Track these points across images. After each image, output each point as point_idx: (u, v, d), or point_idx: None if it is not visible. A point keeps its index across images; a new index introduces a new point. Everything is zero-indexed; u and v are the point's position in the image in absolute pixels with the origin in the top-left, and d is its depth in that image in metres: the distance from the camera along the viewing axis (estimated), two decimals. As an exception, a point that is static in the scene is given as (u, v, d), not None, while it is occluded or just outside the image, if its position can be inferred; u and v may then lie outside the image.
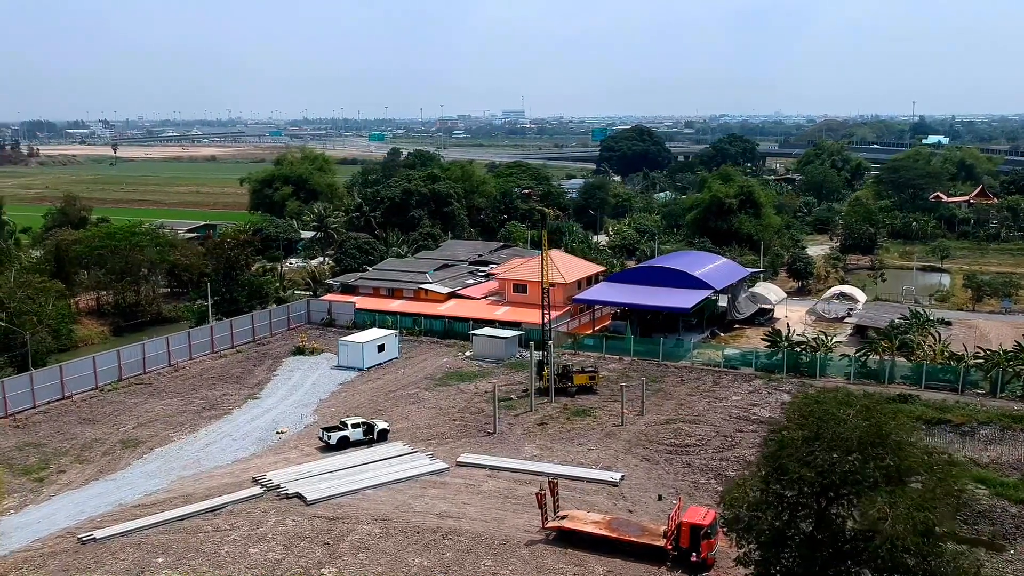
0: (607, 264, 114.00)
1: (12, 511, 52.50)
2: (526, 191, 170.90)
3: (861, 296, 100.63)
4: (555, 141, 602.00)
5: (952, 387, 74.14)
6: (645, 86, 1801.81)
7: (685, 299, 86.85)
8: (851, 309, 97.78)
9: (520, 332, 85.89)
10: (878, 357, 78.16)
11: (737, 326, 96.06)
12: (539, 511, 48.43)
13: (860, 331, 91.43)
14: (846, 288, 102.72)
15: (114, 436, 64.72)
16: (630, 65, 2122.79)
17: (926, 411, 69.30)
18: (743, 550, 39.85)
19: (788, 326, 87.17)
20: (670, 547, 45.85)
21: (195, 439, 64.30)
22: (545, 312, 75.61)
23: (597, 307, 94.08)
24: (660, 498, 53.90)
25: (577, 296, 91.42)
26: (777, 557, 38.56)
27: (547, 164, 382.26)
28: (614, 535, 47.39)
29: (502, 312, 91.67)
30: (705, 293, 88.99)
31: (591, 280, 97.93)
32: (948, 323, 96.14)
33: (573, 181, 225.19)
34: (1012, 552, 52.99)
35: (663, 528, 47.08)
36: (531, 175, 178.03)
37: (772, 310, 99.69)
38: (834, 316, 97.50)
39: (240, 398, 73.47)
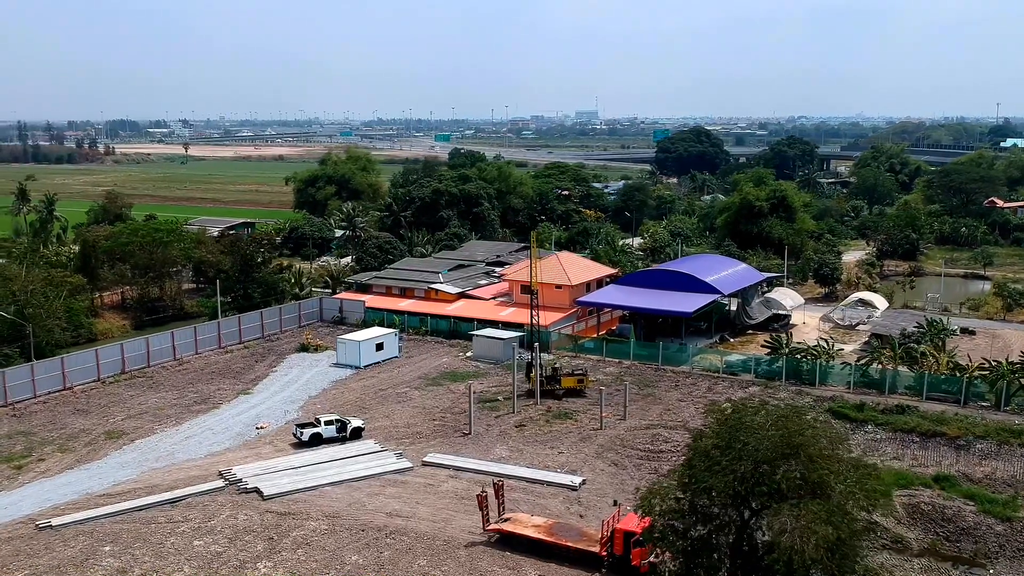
0: (633, 267, 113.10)
1: (-17, 497, 54.48)
2: (564, 192, 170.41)
3: (882, 303, 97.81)
4: (623, 142, 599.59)
5: (955, 399, 71.61)
6: (723, 86, 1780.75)
7: (688, 303, 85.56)
8: (870, 316, 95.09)
9: (521, 334, 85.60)
10: (880, 366, 75.89)
11: (750, 332, 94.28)
12: (476, 513, 48.35)
13: (878, 339, 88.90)
14: (866, 294, 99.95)
15: (101, 427, 66.58)
16: (707, 65, 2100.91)
17: (921, 423, 67.14)
18: (658, 559, 39.25)
19: (790, 334, 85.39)
20: (604, 553, 45.29)
21: (177, 432, 65.76)
22: (534, 313, 75.15)
23: (603, 310, 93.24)
24: (616, 504, 53.16)
25: (581, 298, 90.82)
26: (690, 568, 37.84)
27: (608, 165, 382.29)
28: (551, 539, 47.00)
29: (508, 313, 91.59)
30: (710, 298, 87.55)
31: (600, 283, 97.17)
32: (972, 332, 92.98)
33: (621, 183, 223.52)
34: (991, 572, 51.16)
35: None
36: (570, 176, 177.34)
37: (788, 316, 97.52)
38: (848, 323, 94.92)
39: (232, 393, 74.87)
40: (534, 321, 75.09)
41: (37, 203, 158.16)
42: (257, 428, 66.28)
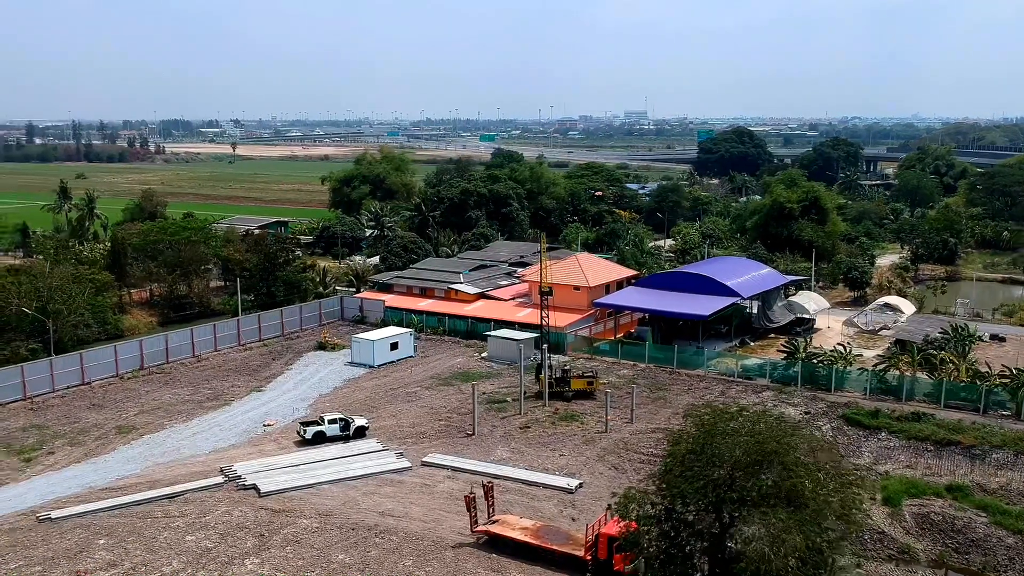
0: (659, 269, 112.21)
1: (-9, 488, 55.75)
2: (597, 193, 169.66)
3: (908, 308, 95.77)
4: (670, 142, 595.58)
5: (974, 407, 69.86)
6: (776, 86, 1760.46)
7: (705, 306, 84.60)
8: (896, 321, 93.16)
9: (536, 335, 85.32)
10: (897, 372, 74.35)
11: (772, 336, 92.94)
12: (467, 514, 48.27)
13: (901, 345, 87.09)
14: (892, 299, 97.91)
15: (113, 422, 67.74)
16: (762, 64, 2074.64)
17: (936, 431, 65.66)
18: (631, 565, 38.83)
19: (809, 339, 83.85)
20: (588, 558, 44.92)
21: (186, 428, 66.67)
22: (544, 315, 74.85)
23: (622, 312, 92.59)
24: (609, 507, 52.73)
25: (598, 300, 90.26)
26: (662, 574, 37.38)
27: (651, 166, 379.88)
28: (536, 542, 46.76)
29: (525, 314, 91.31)
30: (729, 301, 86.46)
31: (620, 284, 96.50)
32: (1002, 339, 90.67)
33: (658, 184, 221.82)
34: (998, 586, 49.82)
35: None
36: (604, 177, 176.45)
37: (812, 320, 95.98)
38: (871, 328, 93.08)
39: (245, 390, 75.71)
40: (544, 322, 74.66)
41: (78, 201, 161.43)
42: (264, 425, 66.92)
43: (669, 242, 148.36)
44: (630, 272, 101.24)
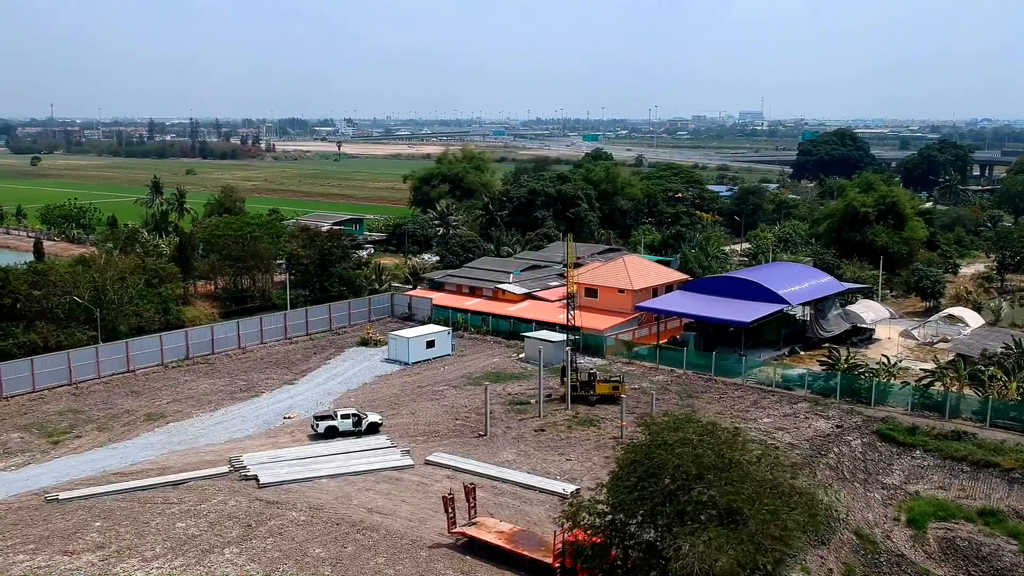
0: (723, 272, 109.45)
1: (14, 468, 58.43)
2: (676, 195, 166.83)
3: (975, 320, 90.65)
4: (783, 144, 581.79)
5: (1023, 428, 65.66)
6: (899, 87, 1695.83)
7: (749, 312, 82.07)
8: (959, 333, 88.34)
9: (576, 337, 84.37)
10: (943, 387, 70.50)
11: (826, 345, 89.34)
12: (444, 514, 48.06)
13: (963, 359, 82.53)
14: (958, 310, 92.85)
15: (145, 409, 70.15)
16: (884, 63, 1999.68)
17: (974, 451, 62.04)
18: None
19: (850, 351, 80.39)
20: (557, 565, 44.09)
21: (210, 417, 68.51)
22: (571, 317, 73.98)
23: (665, 317, 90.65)
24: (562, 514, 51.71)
25: (640, 304, 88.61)
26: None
27: (752, 167, 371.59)
28: (508, 547, 46.16)
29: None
30: (774, 307, 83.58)
31: (669, 287, 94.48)
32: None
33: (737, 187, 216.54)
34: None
35: (563, 545, 45.29)
36: (684, 178, 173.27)
37: (871, 330, 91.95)
38: (928, 340, 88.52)
39: (278, 383, 77.32)
40: (571, 324, 73.78)
41: (169, 195, 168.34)
42: (284, 418, 68.15)
43: (745, 245, 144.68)
44: (679, 276, 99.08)
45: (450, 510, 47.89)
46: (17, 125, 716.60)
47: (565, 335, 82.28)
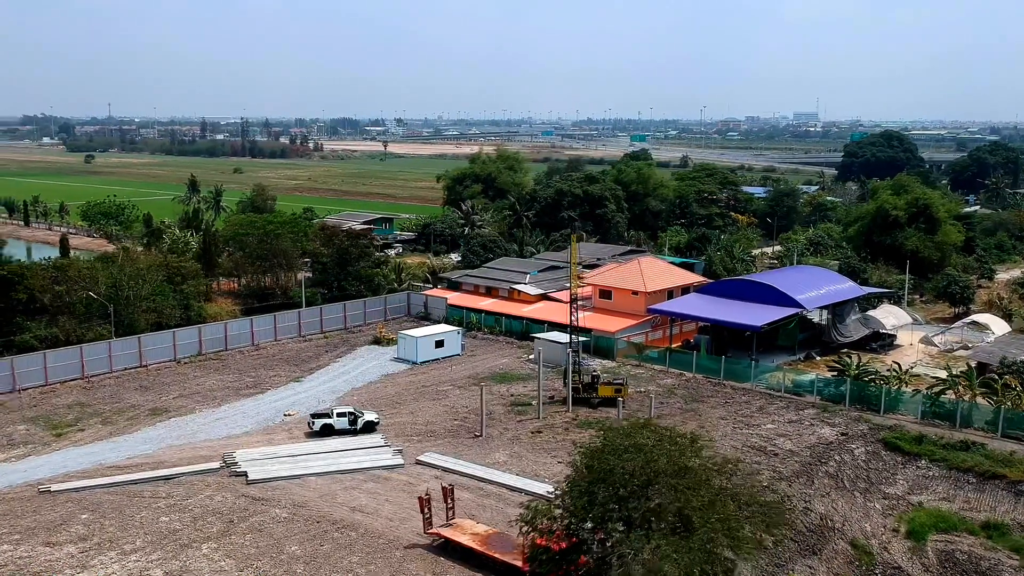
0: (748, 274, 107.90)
1: (14, 459, 59.61)
2: (710, 196, 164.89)
3: (1001, 327, 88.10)
4: (836, 145, 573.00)
5: (1036, 439, 63.62)
6: (959, 86, 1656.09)
7: (761, 316, 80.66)
8: (983, 340, 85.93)
9: (586, 339, 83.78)
10: (954, 396, 68.60)
11: (844, 351, 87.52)
12: (420, 515, 47.94)
13: (982, 367, 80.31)
14: (982, 316, 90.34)
15: (151, 403, 71.12)
16: (945, 62, 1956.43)
17: (981, 462, 60.22)
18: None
19: (857, 356, 78.52)
20: (527, 568, 43.68)
21: (212, 413, 69.21)
22: (573, 319, 73.39)
23: (684, 319, 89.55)
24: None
25: (652, 306, 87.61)
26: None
27: (799, 169, 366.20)
28: (481, 549, 45.88)
29: (582, 317, 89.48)
30: (788, 311, 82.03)
31: (686, 289, 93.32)
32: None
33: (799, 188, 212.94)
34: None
35: (535, 549, 44.89)
36: (718, 179, 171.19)
37: (892, 336, 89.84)
38: (949, 347, 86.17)
39: (285, 380, 77.87)
40: (573, 326, 73.22)
41: (206, 193, 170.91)
42: (285, 415, 68.59)
43: (777, 248, 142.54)
44: (696, 278, 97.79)
45: (426, 510, 47.78)
46: (76, 124, 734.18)
47: (582, 337, 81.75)
